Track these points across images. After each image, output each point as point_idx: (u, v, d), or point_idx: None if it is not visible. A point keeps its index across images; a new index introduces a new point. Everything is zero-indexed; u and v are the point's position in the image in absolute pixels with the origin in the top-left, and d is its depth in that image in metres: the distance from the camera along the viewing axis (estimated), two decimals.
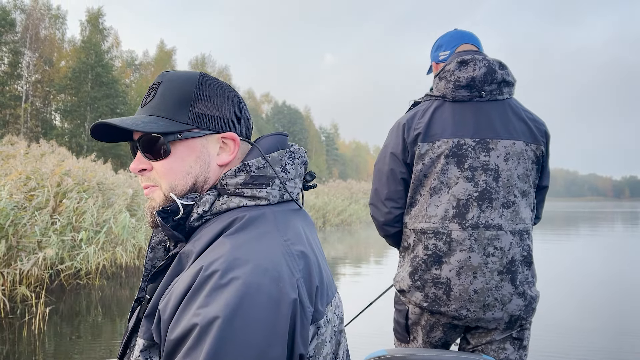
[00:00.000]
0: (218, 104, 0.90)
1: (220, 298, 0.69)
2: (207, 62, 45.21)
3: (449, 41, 1.98)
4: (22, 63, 30.76)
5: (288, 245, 0.80)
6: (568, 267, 10.30)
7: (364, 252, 13.47)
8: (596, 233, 20.97)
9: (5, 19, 28.77)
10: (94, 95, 31.40)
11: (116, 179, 9.27)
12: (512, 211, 1.67)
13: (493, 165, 1.68)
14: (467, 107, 1.74)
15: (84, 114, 31.75)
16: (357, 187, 33.74)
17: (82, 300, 6.61)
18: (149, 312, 0.81)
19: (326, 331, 0.81)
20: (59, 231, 6.92)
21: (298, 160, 0.94)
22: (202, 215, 0.86)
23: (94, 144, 30.92)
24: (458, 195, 1.68)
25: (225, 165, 0.91)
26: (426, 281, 1.69)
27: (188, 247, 0.83)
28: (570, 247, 14.96)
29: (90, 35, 32.99)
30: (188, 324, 0.68)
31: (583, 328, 5.46)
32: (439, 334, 1.76)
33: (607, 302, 6.92)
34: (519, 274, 1.65)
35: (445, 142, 1.70)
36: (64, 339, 5.00)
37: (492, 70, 1.72)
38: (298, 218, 0.91)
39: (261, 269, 0.72)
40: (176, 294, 0.74)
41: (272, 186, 0.87)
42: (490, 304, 1.64)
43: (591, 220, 33.06)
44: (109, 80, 32.23)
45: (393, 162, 1.81)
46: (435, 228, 1.68)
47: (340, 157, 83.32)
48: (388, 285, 2.26)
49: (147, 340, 0.78)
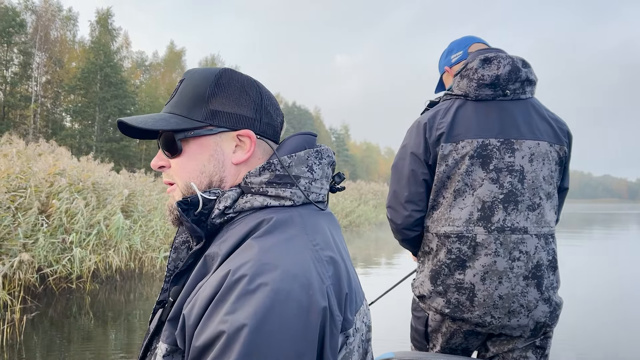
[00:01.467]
0: (235, 100, 0.88)
1: (249, 305, 0.66)
2: (217, 63, 44.99)
3: (459, 43, 1.98)
4: (33, 64, 30.83)
5: (317, 250, 0.77)
6: (582, 270, 9.90)
7: (374, 253, 13.17)
8: (610, 235, 20.46)
9: (15, 19, 28.85)
10: (102, 95, 31.39)
11: (114, 180, 8.99)
12: (537, 214, 1.62)
13: (518, 167, 1.62)
14: (491, 107, 1.68)
15: (93, 114, 31.78)
16: (367, 188, 33.29)
17: (73, 304, 6.35)
18: (173, 316, 0.78)
19: (354, 340, 0.78)
20: (50, 233, 6.67)
21: (325, 161, 0.90)
22: (224, 211, 0.84)
23: (102, 145, 31.06)
24: (483, 197, 1.62)
25: (241, 163, 0.89)
26: (449, 286, 1.64)
27: (214, 249, 0.81)
28: (583, 249, 14.54)
29: (100, 36, 33.03)
30: (215, 331, 0.66)
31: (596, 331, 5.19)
32: (460, 340, 1.70)
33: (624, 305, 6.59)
34: (544, 279, 1.59)
35: (469, 142, 1.65)
36: (42, 348, 4.72)
37: (516, 68, 1.66)
38: (325, 221, 0.88)
39: (290, 275, 0.70)
40: (202, 299, 0.71)
41: (297, 186, 0.84)
42: (515, 310, 1.58)
43: (606, 222, 32.41)
44: (118, 80, 32.22)
45: (414, 163, 1.73)
46: (460, 232, 1.63)
47: (351, 158, 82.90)
48: (397, 288, 2.20)
49: (170, 345, 0.76)
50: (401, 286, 2.28)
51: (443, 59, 2.05)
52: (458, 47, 1.99)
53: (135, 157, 34.32)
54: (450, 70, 2.01)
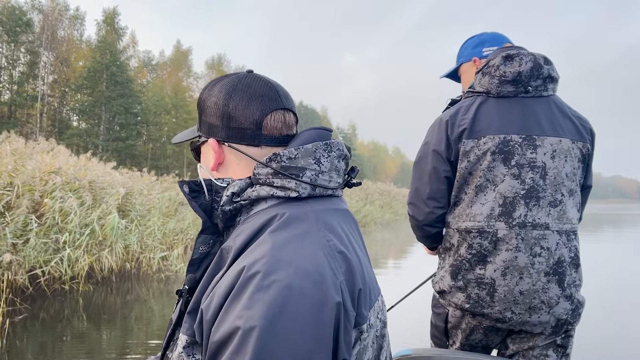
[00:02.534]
0: (210, 109, 0.93)
1: (263, 301, 0.68)
2: (223, 62, 44.86)
3: (494, 38, 1.96)
4: (39, 63, 30.86)
5: (330, 246, 0.78)
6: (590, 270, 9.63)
7: (381, 254, 12.92)
8: (621, 235, 20.10)
9: (22, 19, 28.88)
10: (108, 94, 31.36)
11: (112, 178, 8.80)
12: (559, 210, 1.61)
13: (540, 163, 1.62)
14: (513, 103, 1.69)
15: (99, 113, 31.76)
16: (373, 188, 32.97)
17: (66, 306, 6.18)
18: (192, 308, 0.81)
19: (368, 336, 0.79)
20: (42, 233, 6.49)
21: (334, 153, 0.90)
22: (232, 199, 0.86)
23: (109, 144, 31.02)
24: (504, 193, 1.62)
25: (216, 170, 0.94)
26: (469, 281, 1.64)
27: (229, 242, 0.83)
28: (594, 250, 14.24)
29: (106, 35, 33.01)
30: (231, 326, 0.68)
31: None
32: (480, 337, 1.70)
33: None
34: (566, 275, 1.59)
35: (491, 138, 1.65)
36: (31, 351, 4.53)
37: (538, 65, 1.67)
38: (339, 217, 0.88)
39: (303, 271, 0.71)
40: (218, 295, 0.73)
41: (302, 177, 0.85)
42: (536, 307, 1.58)
43: (616, 223, 31.94)
44: (124, 79, 32.17)
45: (436, 160, 1.74)
46: (481, 227, 1.63)
47: (358, 158, 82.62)
48: (406, 288, 2.21)
49: (190, 337, 0.78)
50: (416, 284, 2.28)
51: (471, 48, 2.01)
52: (493, 41, 1.95)
53: (141, 156, 34.29)
54: (479, 61, 1.97)
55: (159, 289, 7.57)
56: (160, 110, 35.86)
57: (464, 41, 2.07)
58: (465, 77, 2.05)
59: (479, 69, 1.78)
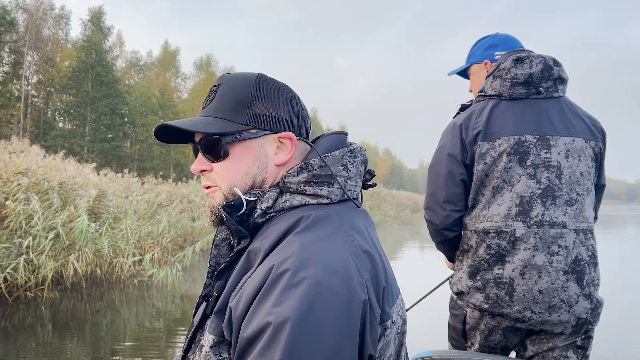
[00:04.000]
0: (275, 104, 0.92)
1: (293, 297, 0.69)
2: (212, 62, 44.37)
3: (507, 41, 1.97)
4: (24, 63, 30.31)
5: (355, 245, 0.80)
6: None
7: None
8: (609, 237, 20.06)
9: (5, 18, 28.32)
10: (93, 95, 30.87)
11: (86, 180, 8.43)
12: (575, 209, 1.63)
13: (555, 162, 1.64)
14: (525, 104, 1.71)
15: (85, 114, 31.27)
16: None
17: (29, 315, 5.83)
18: (219, 309, 0.82)
19: (391, 332, 0.81)
20: (5, 237, 6.14)
21: (359, 159, 0.93)
22: (266, 211, 0.88)
23: (94, 145, 30.55)
24: (521, 192, 1.64)
25: (283, 164, 0.93)
26: (487, 281, 1.65)
27: (256, 244, 0.85)
28: None
29: (91, 34, 32.52)
30: (262, 322, 0.69)
31: None
32: (498, 338, 1.69)
33: None
34: (585, 274, 1.59)
35: (506, 139, 1.67)
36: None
37: (548, 66, 1.70)
38: (361, 217, 0.91)
39: (331, 269, 0.73)
40: (247, 292, 0.75)
41: (333, 184, 0.88)
42: (556, 305, 1.57)
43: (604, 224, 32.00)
44: (110, 80, 31.69)
45: (451, 164, 1.76)
46: (499, 227, 1.64)
47: None
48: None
49: (217, 337, 0.80)
50: (433, 286, 2.27)
51: (482, 50, 2.03)
52: (505, 44, 1.97)
53: (127, 157, 33.82)
54: (490, 65, 1.99)
55: (133, 295, 7.25)
56: (147, 111, 35.39)
57: (477, 41, 2.08)
58: (474, 78, 2.06)
59: (489, 72, 1.80)
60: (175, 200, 12.73)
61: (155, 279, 7.85)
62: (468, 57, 2.10)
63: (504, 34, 2.02)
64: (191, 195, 14.26)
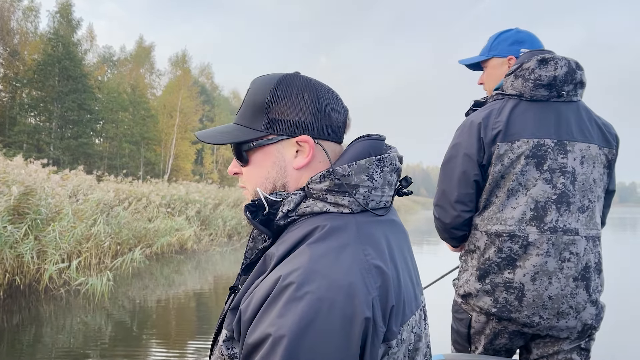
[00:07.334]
0: (292, 107, 0.90)
1: (294, 312, 0.69)
2: (187, 59, 43.21)
3: (531, 39, 1.92)
4: None
5: (367, 260, 0.78)
6: None
7: None
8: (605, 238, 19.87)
9: None
10: (60, 89, 29.61)
11: (10, 176, 7.48)
12: (587, 216, 1.63)
13: (570, 168, 1.64)
14: (546, 107, 1.69)
15: (51, 109, 29.99)
16: None
17: None
18: (234, 306, 0.83)
19: (399, 350, 0.79)
20: None
21: (387, 168, 0.90)
22: (287, 214, 0.88)
23: (59, 142, 29.32)
24: (536, 197, 1.63)
25: (302, 167, 0.91)
26: (497, 285, 1.64)
27: (272, 249, 0.85)
28: None
29: (59, 27, 31.22)
30: (263, 332, 0.70)
31: None
32: (504, 341, 1.70)
33: None
34: (592, 281, 1.60)
35: (525, 142, 1.65)
36: None
37: (572, 70, 1.67)
38: (384, 228, 0.88)
39: (336, 285, 0.72)
40: (256, 299, 0.75)
41: (356, 195, 0.86)
42: (564, 312, 1.58)
43: None
44: (78, 74, 30.45)
45: (466, 164, 1.72)
46: (512, 231, 1.63)
47: None
48: (430, 289, 2.19)
49: (230, 332, 0.81)
50: (435, 288, 2.23)
51: (507, 44, 1.94)
52: (531, 43, 1.90)
53: (95, 155, 32.61)
54: (514, 61, 1.90)
55: (60, 307, 6.40)
56: (117, 108, 34.18)
57: (497, 34, 1.99)
58: (492, 72, 1.97)
59: (510, 71, 1.75)
60: (131, 199, 11.85)
61: (90, 287, 6.98)
62: (488, 49, 1.99)
63: (527, 32, 1.94)
64: (152, 195, 13.40)
